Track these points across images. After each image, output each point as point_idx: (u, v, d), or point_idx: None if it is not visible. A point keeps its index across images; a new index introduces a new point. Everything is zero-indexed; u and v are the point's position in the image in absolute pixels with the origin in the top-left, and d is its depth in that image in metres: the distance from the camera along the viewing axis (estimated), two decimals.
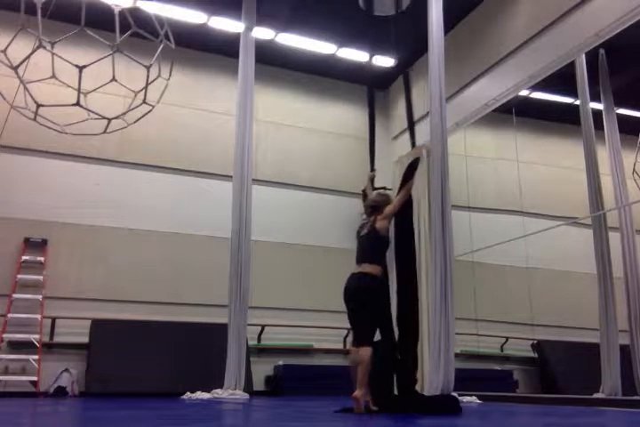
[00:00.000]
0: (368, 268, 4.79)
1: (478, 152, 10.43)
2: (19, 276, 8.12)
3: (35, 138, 8.48)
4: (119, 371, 7.79)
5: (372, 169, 5.84)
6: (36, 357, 7.71)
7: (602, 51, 8.13)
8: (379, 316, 4.81)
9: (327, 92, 10.80)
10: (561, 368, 9.21)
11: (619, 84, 8.47)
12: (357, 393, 4.46)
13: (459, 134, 9.36)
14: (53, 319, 8.11)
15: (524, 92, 8.86)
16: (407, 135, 6.31)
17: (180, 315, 8.71)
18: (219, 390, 6.98)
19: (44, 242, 8.40)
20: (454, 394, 5.71)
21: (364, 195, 5.59)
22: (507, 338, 9.90)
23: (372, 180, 5.71)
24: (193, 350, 8.24)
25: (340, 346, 9.60)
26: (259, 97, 8.75)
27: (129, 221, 8.98)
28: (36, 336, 7.80)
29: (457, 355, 6.53)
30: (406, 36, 8.85)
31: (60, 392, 7.61)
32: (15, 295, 7.99)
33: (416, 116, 9.83)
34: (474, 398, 6.83)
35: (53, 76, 6.74)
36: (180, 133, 9.66)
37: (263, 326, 9.05)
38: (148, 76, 6.81)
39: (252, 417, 4.65)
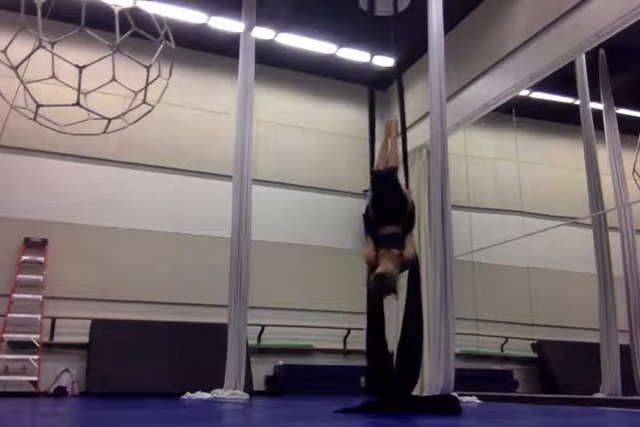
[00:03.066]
0: None
1: (478, 152, 10.43)
2: (19, 276, 8.12)
3: (35, 138, 8.48)
4: (119, 371, 7.78)
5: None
6: (35, 357, 7.71)
7: (602, 51, 8.16)
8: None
9: (327, 92, 10.79)
10: (561, 368, 9.21)
11: (619, 84, 8.48)
12: None
13: (459, 134, 9.36)
14: (53, 319, 8.11)
15: (524, 92, 8.87)
16: (407, 135, 6.28)
17: (180, 315, 8.69)
18: (219, 390, 6.98)
19: (44, 242, 8.40)
20: (454, 394, 5.72)
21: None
22: (507, 338, 9.89)
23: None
24: (193, 350, 8.23)
25: (340, 346, 9.60)
26: (259, 97, 8.74)
27: (129, 221, 8.98)
28: (36, 336, 7.80)
29: (457, 355, 6.54)
30: (406, 36, 8.89)
31: (60, 392, 7.60)
32: (15, 295, 7.98)
33: (416, 116, 9.92)
34: (474, 398, 6.84)
35: (53, 76, 6.74)
36: (180, 133, 9.66)
37: (263, 326, 9.05)
38: (147, 76, 6.81)
39: (252, 417, 4.65)
